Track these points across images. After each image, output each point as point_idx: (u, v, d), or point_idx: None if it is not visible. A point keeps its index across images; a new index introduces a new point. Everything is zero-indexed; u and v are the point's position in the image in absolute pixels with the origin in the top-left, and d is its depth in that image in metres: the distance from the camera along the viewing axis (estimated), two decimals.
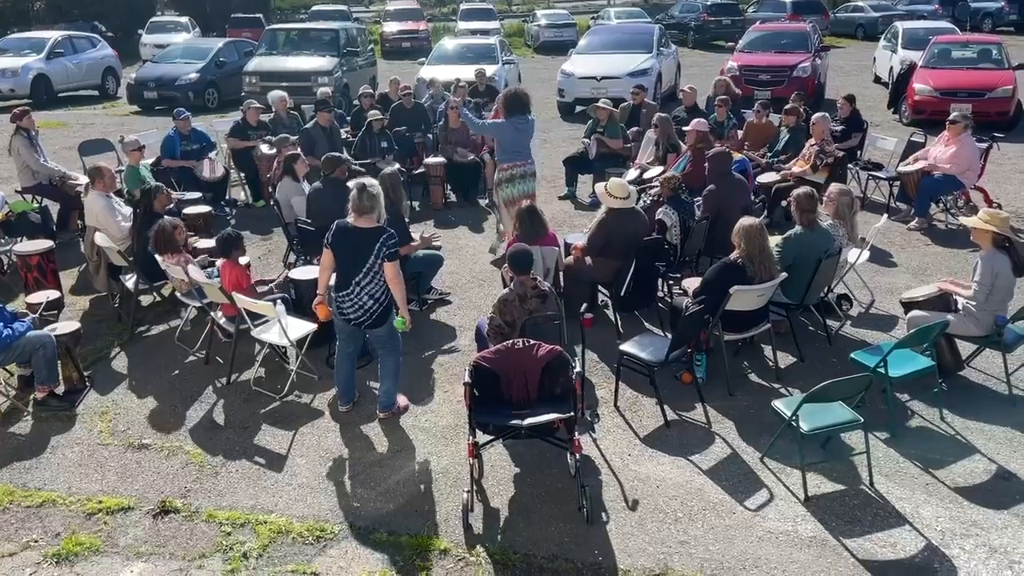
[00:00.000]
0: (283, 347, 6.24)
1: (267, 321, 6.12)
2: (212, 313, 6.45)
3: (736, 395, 5.80)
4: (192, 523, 4.62)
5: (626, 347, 5.66)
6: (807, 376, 5.86)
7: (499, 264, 8.28)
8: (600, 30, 21.40)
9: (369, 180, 5.34)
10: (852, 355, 5.56)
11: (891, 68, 17.77)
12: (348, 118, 12.29)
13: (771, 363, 6.18)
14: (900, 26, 19.50)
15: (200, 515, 4.68)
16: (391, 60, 27.66)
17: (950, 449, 5.14)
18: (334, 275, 5.39)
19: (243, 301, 5.91)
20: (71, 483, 5.03)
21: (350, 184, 5.30)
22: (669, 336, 6.03)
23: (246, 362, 6.37)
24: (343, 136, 10.94)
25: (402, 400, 5.75)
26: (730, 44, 20.22)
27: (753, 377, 6.09)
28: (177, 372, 6.43)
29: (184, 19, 31.27)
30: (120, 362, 6.62)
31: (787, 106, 10.33)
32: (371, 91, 13.02)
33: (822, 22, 28.44)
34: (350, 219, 5.24)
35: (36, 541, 4.51)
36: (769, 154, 9.96)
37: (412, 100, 12.07)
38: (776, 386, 5.92)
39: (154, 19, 31.89)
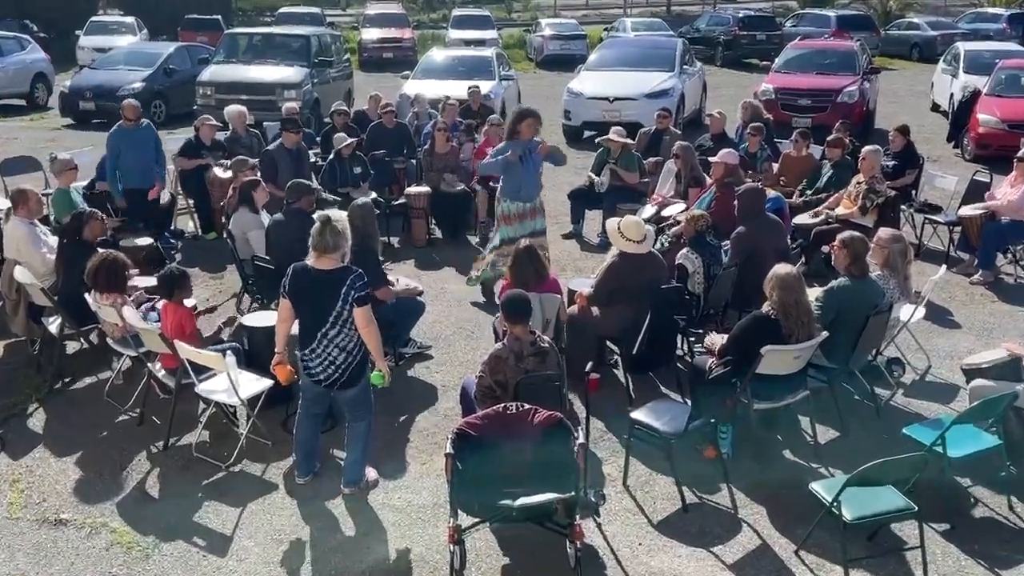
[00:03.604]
0: (232, 407, 6.22)
1: (214, 375, 6.12)
2: (149, 364, 6.45)
3: (768, 475, 5.79)
4: None
5: (638, 415, 5.66)
6: (851, 454, 5.85)
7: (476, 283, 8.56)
8: (614, 43, 21.73)
9: (336, 213, 5.38)
10: (904, 430, 5.57)
11: (951, 95, 18.06)
12: (318, 139, 12.41)
13: (809, 437, 6.18)
14: (962, 47, 19.87)
15: None
16: (370, 72, 28.03)
17: (1020, 545, 5.12)
18: (296, 327, 5.41)
19: (187, 351, 5.91)
20: None
21: (316, 216, 5.35)
22: (689, 403, 6.03)
23: (187, 423, 6.33)
24: (312, 160, 11.04)
25: (371, 473, 5.73)
26: (765, 63, 20.62)
27: (788, 454, 6.09)
28: (105, 433, 6.40)
29: (129, 19, 31.67)
30: (37, 420, 6.60)
31: (831, 137, 10.48)
32: (346, 108, 13.15)
33: (872, 40, 28.94)
34: (310, 260, 5.27)
35: None
36: (809, 192, 10.09)
37: (394, 119, 12.22)
38: (815, 465, 5.92)
39: (95, 18, 32.24)
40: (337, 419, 6.08)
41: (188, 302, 6.59)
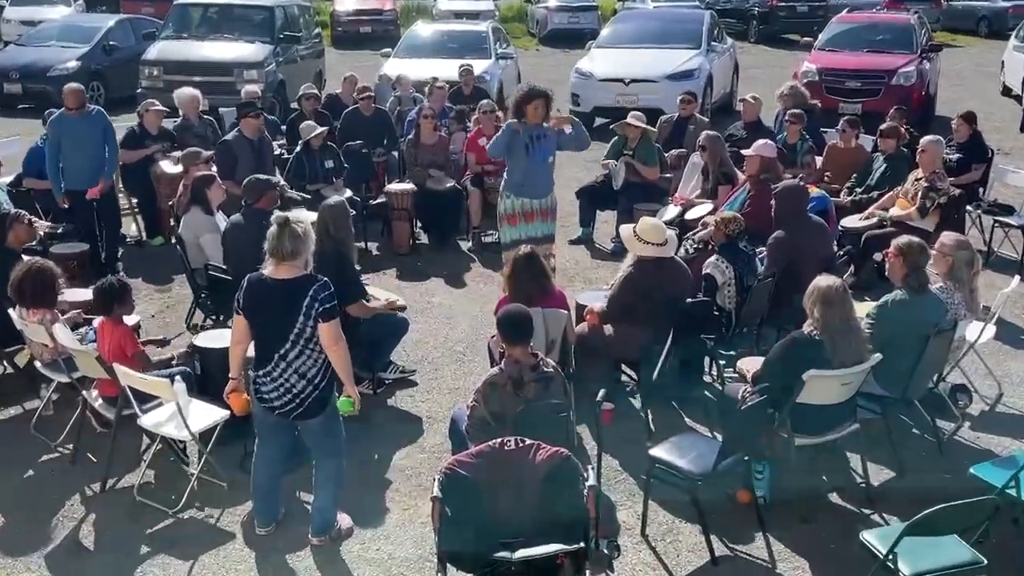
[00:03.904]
0: (181, 442, 6.22)
1: (161, 405, 6.12)
2: (84, 392, 6.45)
3: (811, 522, 5.80)
4: None
5: (659, 452, 5.66)
6: (909, 497, 5.84)
7: None
8: (630, 16, 21.82)
9: (296, 213, 5.40)
10: (972, 469, 5.58)
11: None
12: (283, 128, 12.44)
13: (860, 478, 6.19)
14: None
15: None
16: (345, 49, 28.14)
17: None
18: (252, 348, 5.42)
19: (128, 376, 5.92)
20: None
21: (272, 218, 5.36)
22: (719, 438, 6.03)
23: (129, 462, 6.34)
24: (276, 152, 11.06)
25: (345, 520, 5.73)
26: (807, 39, 20.62)
27: (835, 498, 6.09)
28: (32, 473, 6.40)
29: None
30: None
31: (884, 126, 10.51)
32: (316, 91, 13.18)
33: (932, 12, 29.05)
34: (267, 269, 5.28)
35: None
36: (858, 190, 10.12)
37: (373, 105, 12.25)
38: (866, 511, 5.92)
39: None
40: (304, 457, 6.07)
41: (130, 319, 6.59)
